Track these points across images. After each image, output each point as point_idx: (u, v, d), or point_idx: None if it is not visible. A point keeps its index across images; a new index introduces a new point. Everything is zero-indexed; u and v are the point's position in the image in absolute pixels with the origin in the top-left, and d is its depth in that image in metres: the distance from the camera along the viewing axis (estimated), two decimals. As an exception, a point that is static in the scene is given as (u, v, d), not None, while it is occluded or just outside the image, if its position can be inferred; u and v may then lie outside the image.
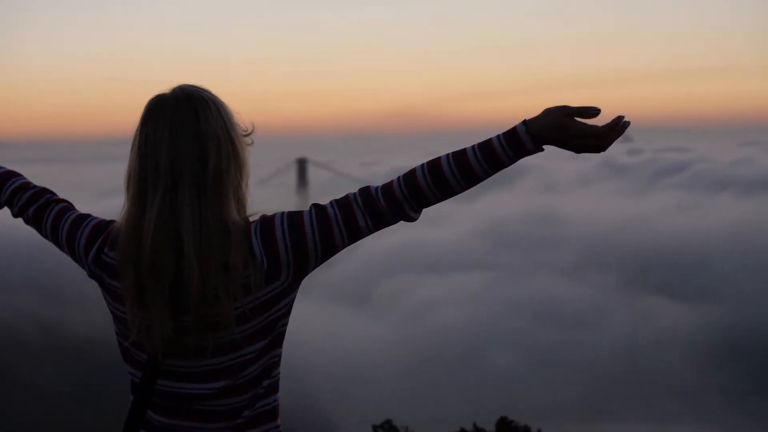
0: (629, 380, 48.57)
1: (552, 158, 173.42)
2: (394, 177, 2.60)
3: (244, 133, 2.64)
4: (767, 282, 63.76)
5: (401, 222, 2.61)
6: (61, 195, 2.96)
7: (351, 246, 2.65)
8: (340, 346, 49.56)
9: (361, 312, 59.93)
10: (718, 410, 43.63)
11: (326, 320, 53.86)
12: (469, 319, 56.74)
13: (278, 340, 2.65)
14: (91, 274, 2.72)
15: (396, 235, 73.11)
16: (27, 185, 2.95)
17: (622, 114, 2.50)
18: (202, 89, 2.59)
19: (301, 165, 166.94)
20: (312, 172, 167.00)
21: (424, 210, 2.63)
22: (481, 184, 2.57)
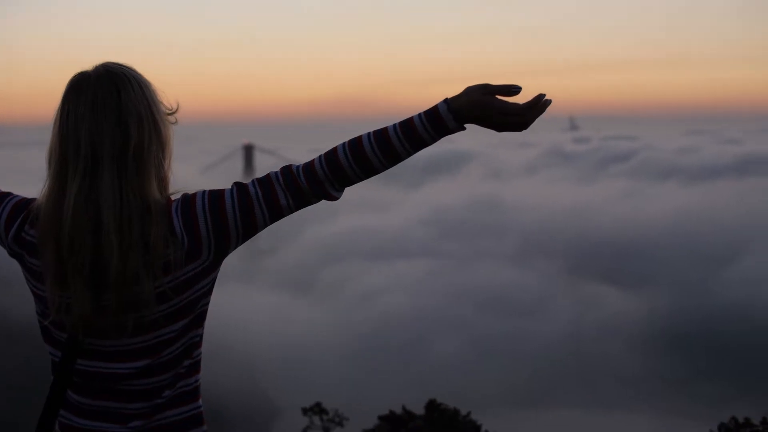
0: (573, 367, 48.96)
1: (498, 146, 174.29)
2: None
3: (168, 111, 2.62)
4: (710, 270, 64.54)
5: (323, 201, 2.61)
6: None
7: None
8: (285, 331, 49.51)
9: (306, 298, 59.93)
10: (660, 395, 44.11)
11: (271, 306, 53.85)
12: (414, 306, 56.91)
13: (199, 319, 2.63)
14: (12, 253, 2.68)
15: (341, 221, 73.14)
16: None
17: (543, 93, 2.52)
18: (126, 66, 2.57)
19: (248, 151, 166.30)
20: (259, 159, 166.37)
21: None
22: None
